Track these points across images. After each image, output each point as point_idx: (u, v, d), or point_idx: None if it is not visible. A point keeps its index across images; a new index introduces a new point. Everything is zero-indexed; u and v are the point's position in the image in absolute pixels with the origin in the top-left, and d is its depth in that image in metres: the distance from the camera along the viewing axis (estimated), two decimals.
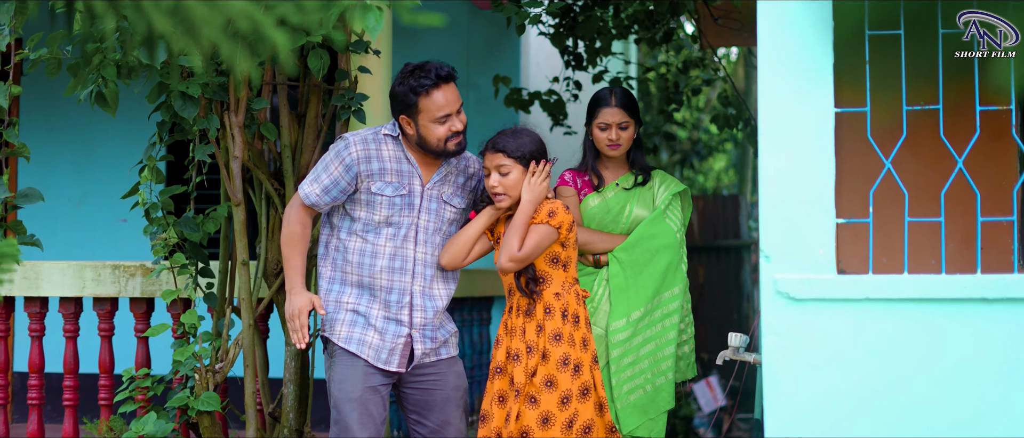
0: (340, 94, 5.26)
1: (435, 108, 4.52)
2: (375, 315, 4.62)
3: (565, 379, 4.54)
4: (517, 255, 4.54)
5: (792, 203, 3.70)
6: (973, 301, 3.62)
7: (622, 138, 5.03)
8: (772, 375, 3.69)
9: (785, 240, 3.70)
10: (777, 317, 3.68)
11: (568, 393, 4.53)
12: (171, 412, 5.35)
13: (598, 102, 5.07)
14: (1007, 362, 3.63)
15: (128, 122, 8.93)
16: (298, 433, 5.38)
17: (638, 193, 5.07)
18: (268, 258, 5.40)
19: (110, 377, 5.78)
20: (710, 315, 12.84)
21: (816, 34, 3.68)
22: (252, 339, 5.35)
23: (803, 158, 3.69)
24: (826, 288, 3.66)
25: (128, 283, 5.78)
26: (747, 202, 15.06)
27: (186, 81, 4.95)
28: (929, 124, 4.14)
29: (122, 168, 9.07)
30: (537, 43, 9.33)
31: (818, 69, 3.70)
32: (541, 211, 4.60)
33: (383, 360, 4.62)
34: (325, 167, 4.61)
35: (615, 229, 5.04)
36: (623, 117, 5.02)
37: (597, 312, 4.96)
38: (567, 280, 4.67)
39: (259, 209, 5.44)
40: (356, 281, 4.64)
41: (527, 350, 4.58)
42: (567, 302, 4.63)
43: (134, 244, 8.87)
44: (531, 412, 4.51)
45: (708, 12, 7.40)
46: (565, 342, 4.58)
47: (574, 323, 4.62)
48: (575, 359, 4.57)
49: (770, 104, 3.73)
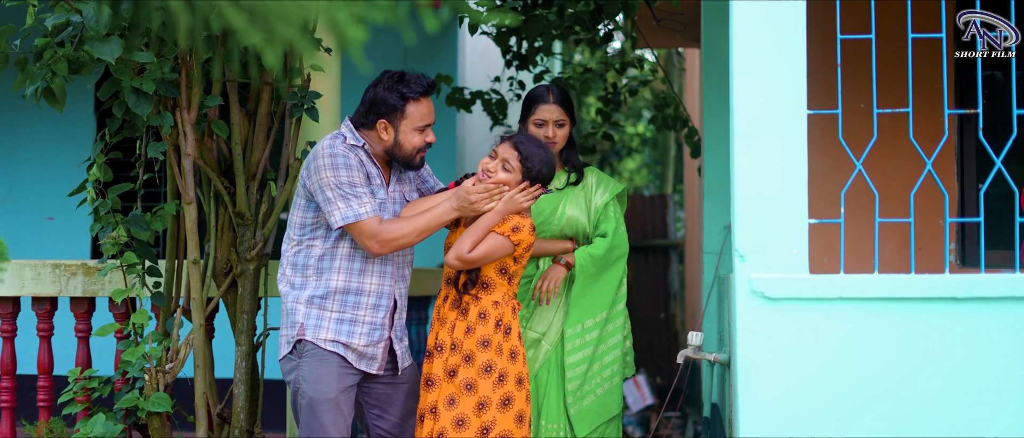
0: (293, 92, 5.21)
1: (419, 116, 4.57)
2: (362, 320, 4.59)
3: (486, 386, 4.55)
4: (466, 256, 4.54)
5: (766, 203, 3.73)
6: (943, 300, 3.69)
7: (558, 136, 5.03)
8: (746, 373, 3.72)
9: (759, 240, 3.73)
10: (752, 316, 3.71)
11: (486, 400, 4.54)
12: (119, 413, 5.25)
13: (535, 99, 5.07)
14: (975, 359, 3.70)
15: (54, 119, 8.79)
16: (249, 434, 5.32)
17: (570, 193, 5.08)
18: (217, 257, 5.32)
19: (49, 378, 5.67)
20: (637, 314, 12.93)
21: (789, 36, 3.72)
22: (203, 339, 5.28)
23: (777, 159, 3.72)
24: (800, 287, 3.70)
25: (69, 282, 5.67)
26: (673, 202, 15.19)
27: (139, 77, 4.87)
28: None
29: (48, 165, 8.93)
30: (473, 42, 9.33)
31: (791, 71, 3.74)
32: (507, 223, 4.59)
33: (364, 365, 4.60)
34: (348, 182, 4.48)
35: (546, 231, 5.02)
36: (560, 114, 5.03)
37: (533, 316, 4.97)
38: (508, 292, 4.69)
39: (207, 208, 5.37)
40: (342, 287, 4.58)
41: (451, 346, 4.61)
42: (503, 312, 4.65)
43: (63, 242, 8.73)
44: (448, 413, 4.55)
45: (650, 13, 7.44)
46: (492, 349, 4.58)
47: (505, 334, 4.64)
48: (500, 369, 4.58)
49: (744, 106, 3.76)
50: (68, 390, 5.34)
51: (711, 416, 5.75)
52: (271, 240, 5.35)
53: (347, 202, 4.45)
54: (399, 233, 4.51)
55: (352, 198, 4.46)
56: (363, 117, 4.62)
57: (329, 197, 4.47)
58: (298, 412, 4.63)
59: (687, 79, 12.79)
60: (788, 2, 3.74)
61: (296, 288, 4.61)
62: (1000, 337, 3.69)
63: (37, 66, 4.75)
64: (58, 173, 8.82)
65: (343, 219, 4.45)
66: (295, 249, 4.65)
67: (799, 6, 3.75)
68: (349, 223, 4.46)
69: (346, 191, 4.46)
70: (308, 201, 4.61)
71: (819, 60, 3.79)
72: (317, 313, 4.56)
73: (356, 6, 1.53)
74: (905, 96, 5.19)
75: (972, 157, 6.21)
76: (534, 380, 4.95)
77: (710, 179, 6.55)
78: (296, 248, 4.64)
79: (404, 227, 4.53)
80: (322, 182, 4.48)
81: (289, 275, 4.64)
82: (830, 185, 5.13)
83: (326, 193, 4.47)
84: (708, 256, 6.53)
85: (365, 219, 4.46)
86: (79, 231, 8.82)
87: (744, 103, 3.75)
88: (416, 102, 4.56)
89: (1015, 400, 3.68)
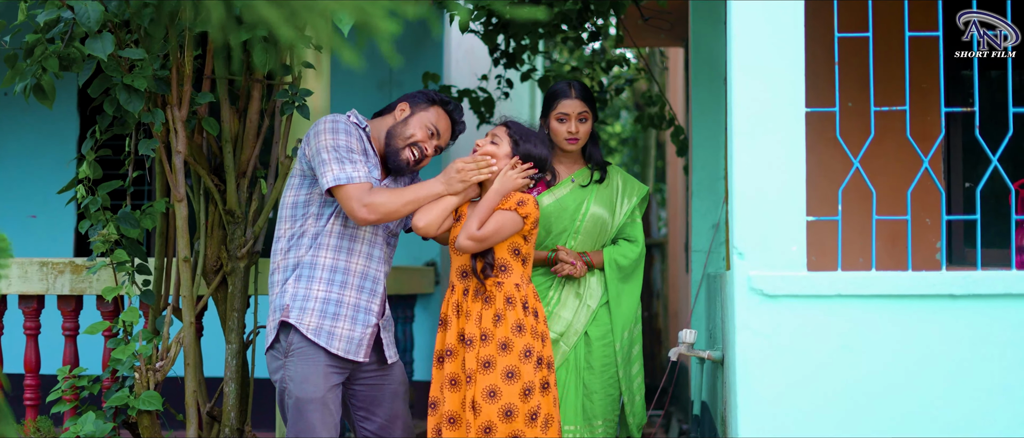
0: (283, 89, 5.19)
1: (436, 118, 4.74)
2: (347, 302, 4.56)
3: (528, 371, 4.48)
4: (475, 234, 4.50)
5: (765, 201, 3.74)
6: (940, 297, 3.71)
7: (580, 131, 5.00)
8: (744, 371, 3.73)
9: (758, 237, 3.74)
10: (750, 314, 3.72)
11: (530, 385, 4.47)
12: (108, 412, 5.23)
13: (557, 94, 5.05)
14: (973, 356, 3.72)
15: (36, 117, 8.74)
16: (239, 432, 5.30)
17: (595, 190, 5.05)
18: (207, 255, 5.30)
19: (36, 376, 5.64)
20: None
21: (789, 34, 3.73)
22: (193, 337, 5.26)
23: (776, 157, 3.73)
24: (799, 285, 3.71)
25: (56, 280, 5.65)
26: (655, 201, 15.20)
27: (131, 74, 4.84)
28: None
29: (31, 163, 8.87)
30: (458, 41, 9.32)
31: (789, 69, 3.75)
32: (510, 199, 4.57)
33: (352, 352, 4.57)
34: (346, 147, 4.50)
35: (570, 228, 5.00)
36: (582, 108, 5.00)
37: (550, 316, 4.95)
38: (525, 274, 4.65)
39: (197, 205, 5.35)
40: (330, 265, 4.56)
41: (481, 337, 4.53)
42: (526, 295, 4.61)
43: (46, 240, 8.68)
44: (491, 406, 4.44)
45: (638, 11, 7.45)
46: (528, 334, 4.53)
47: (534, 317, 4.60)
48: (538, 352, 4.55)
49: (743, 103, 3.76)
50: (57, 388, 5.31)
51: (701, 414, 5.76)
52: (261, 238, 5.33)
53: (342, 165, 4.45)
54: (388, 200, 4.48)
55: (347, 162, 4.46)
56: (387, 105, 4.77)
57: (324, 159, 4.46)
58: (285, 412, 4.61)
59: (670, 78, 12.81)
60: (788, 0, 3.75)
61: (284, 272, 4.60)
62: (998, 334, 3.71)
63: (27, 62, 4.71)
64: (41, 171, 8.77)
65: (335, 180, 4.43)
66: (286, 229, 4.62)
67: (798, 4, 3.76)
68: (341, 185, 4.43)
69: (342, 154, 4.47)
70: (302, 178, 4.60)
71: (809, 59, 3.79)
72: (304, 292, 4.53)
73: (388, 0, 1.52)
74: (893, 95, 5.21)
75: (958, 156, 6.24)
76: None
77: (699, 178, 6.56)
78: (288, 229, 4.62)
79: (393, 196, 4.51)
80: (320, 144, 4.49)
81: (279, 259, 4.63)
82: (820, 183, 5.14)
83: (322, 155, 4.48)
84: (697, 254, 6.55)
85: (357, 182, 4.44)
86: (62, 229, 8.79)
87: (743, 101, 3.76)
88: (441, 110, 4.74)
89: (1013, 397, 3.69)
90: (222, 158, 5.27)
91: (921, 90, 4.44)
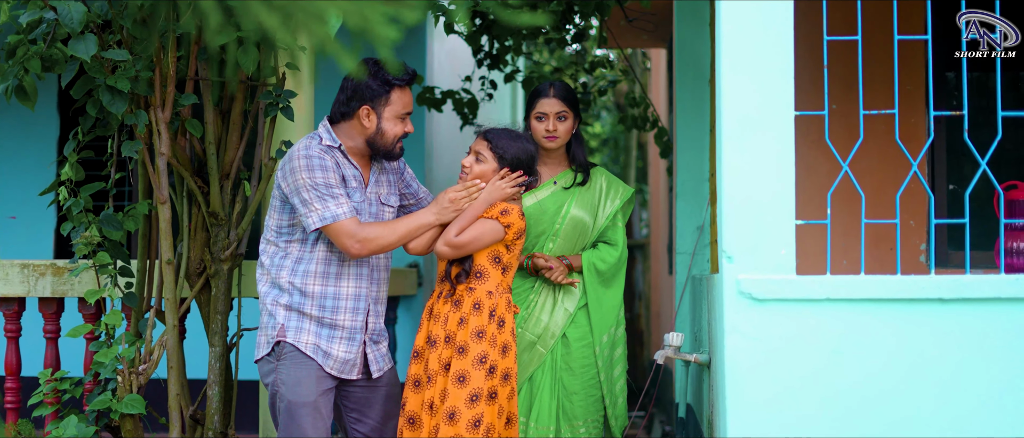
0: (267, 91, 5.16)
1: (402, 104, 4.57)
2: (341, 324, 4.55)
3: (478, 377, 4.50)
4: (453, 240, 4.53)
5: (754, 205, 3.73)
6: (930, 301, 3.70)
7: (560, 130, 4.99)
8: (733, 375, 3.72)
9: (747, 241, 3.73)
10: (739, 317, 3.71)
11: (478, 391, 4.48)
12: (91, 415, 5.19)
13: (537, 93, 5.06)
14: (962, 360, 3.72)
15: (16, 118, 8.68)
16: (222, 435, 5.27)
17: (577, 193, 5.04)
18: (190, 258, 5.27)
19: (17, 379, 5.59)
20: None
21: (778, 36, 3.72)
22: (176, 340, 5.22)
23: (766, 160, 3.72)
24: (788, 288, 3.70)
25: (37, 282, 5.60)
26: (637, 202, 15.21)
27: (114, 75, 4.80)
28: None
29: (11, 165, 8.81)
30: (441, 42, 9.30)
31: (779, 72, 3.74)
32: (495, 208, 4.59)
33: (346, 371, 4.57)
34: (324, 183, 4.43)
35: (549, 231, 4.99)
36: (561, 107, 5.00)
37: (530, 319, 4.94)
38: (503, 284, 4.66)
39: (180, 208, 5.31)
40: (320, 293, 4.54)
41: (445, 339, 4.57)
42: (497, 303, 4.61)
43: (27, 242, 8.62)
44: (442, 407, 4.49)
45: (622, 12, 7.44)
46: (486, 341, 4.54)
47: (499, 326, 4.60)
48: (492, 360, 4.55)
49: (732, 105, 3.75)
50: (38, 391, 5.27)
51: (686, 417, 5.75)
52: (245, 240, 5.30)
53: (324, 203, 4.41)
54: (379, 234, 4.48)
55: (329, 199, 4.42)
56: (344, 106, 4.58)
57: (305, 198, 4.43)
58: (276, 416, 4.58)
59: (652, 79, 12.81)
60: (777, 1, 3.74)
61: (275, 292, 4.56)
62: (987, 338, 3.71)
63: (9, 63, 4.68)
64: (21, 172, 8.71)
65: (321, 221, 4.41)
66: (272, 251, 4.60)
67: (787, 5, 3.75)
68: (327, 225, 4.42)
69: (322, 192, 4.42)
70: (283, 203, 4.57)
71: (795, 63, 3.79)
72: (297, 317, 4.52)
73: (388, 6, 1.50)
74: (877, 97, 5.21)
75: (943, 158, 6.25)
76: (529, 382, 4.93)
77: (683, 179, 6.55)
78: (273, 250, 4.60)
79: (385, 229, 4.51)
80: (298, 184, 4.44)
81: (268, 277, 4.60)
82: (806, 187, 5.14)
83: (302, 194, 4.43)
84: (681, 256, 6.53)
85: (343, 219, 4.42)
86: (42, 231, 8.72)
87: (733, 103, 3.75)
88: (400, 89, 4.56)
89: (1003, 401, 3.69)
90: (205, 160, 5.23)
91: (905, 92, 4.44)
